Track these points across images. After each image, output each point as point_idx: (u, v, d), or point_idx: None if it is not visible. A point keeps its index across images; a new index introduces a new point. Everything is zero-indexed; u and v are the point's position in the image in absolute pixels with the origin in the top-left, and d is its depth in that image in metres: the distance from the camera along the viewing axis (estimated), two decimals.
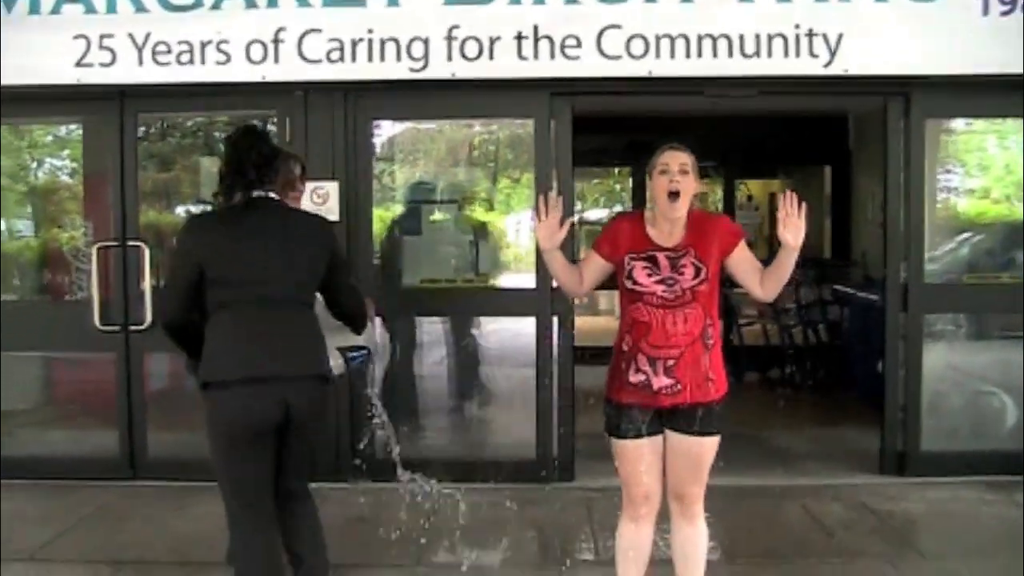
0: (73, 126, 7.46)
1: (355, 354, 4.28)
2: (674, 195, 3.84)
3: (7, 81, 6.23)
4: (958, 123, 7.45)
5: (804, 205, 3.79)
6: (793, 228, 3.79)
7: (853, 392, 8.71)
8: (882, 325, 6.66)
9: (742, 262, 3.96)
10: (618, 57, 6.16)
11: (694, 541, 4.10)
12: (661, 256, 3.89)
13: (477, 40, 6.18)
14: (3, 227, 7.38)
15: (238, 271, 3.72)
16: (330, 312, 4.08)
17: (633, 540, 4.09)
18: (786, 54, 6.13)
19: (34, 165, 7.79)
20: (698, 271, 3.85)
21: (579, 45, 6.16)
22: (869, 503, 5.99)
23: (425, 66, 6.20)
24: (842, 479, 6.51)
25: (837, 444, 7.40)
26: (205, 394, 3.73)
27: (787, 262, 3.87)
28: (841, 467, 6.80)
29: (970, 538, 5.43)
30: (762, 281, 3.96)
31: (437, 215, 7.45)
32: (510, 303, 6.76)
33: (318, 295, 4.01)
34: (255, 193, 3.82)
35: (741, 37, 6.13)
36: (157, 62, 6.21)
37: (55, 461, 6.64)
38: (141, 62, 6.22)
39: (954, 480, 6.33)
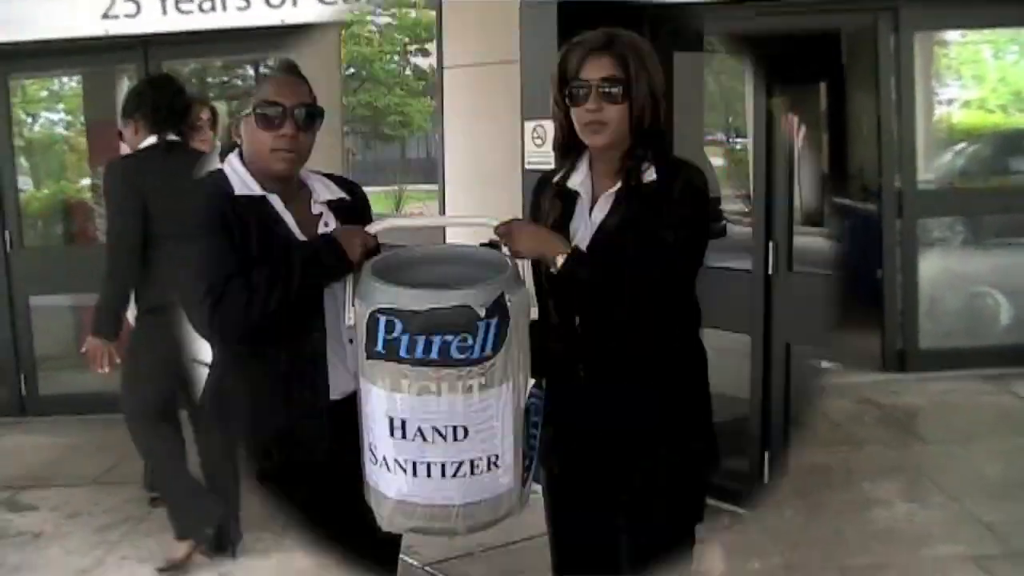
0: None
1: None
2: None
3: (35, 36, 6.43)
4: (952, 35, 7.64)
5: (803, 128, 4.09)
6: None
7: (855, 299, 8.91)
8: (880, 233, 6.88)
9: None
10: None
11: None
12: None
13: None
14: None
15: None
16: None
17: None
18: None
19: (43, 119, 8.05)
20: None
21: None
22: (873, 397, 6.29)
23: None
24: (846, 378, 6.77)
25: (841, 347, 7.63)
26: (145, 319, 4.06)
27: None
28: (845, 367, 7.01)
29: (967, 425, 5.74)
30: None
31: None
32: None
33: None
34: (169, 136, 4.02)
35: None
36: (180, 11, 6.40)
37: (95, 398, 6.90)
38: (165, 11, 6.41)
39: (952, 374, 6.58)
